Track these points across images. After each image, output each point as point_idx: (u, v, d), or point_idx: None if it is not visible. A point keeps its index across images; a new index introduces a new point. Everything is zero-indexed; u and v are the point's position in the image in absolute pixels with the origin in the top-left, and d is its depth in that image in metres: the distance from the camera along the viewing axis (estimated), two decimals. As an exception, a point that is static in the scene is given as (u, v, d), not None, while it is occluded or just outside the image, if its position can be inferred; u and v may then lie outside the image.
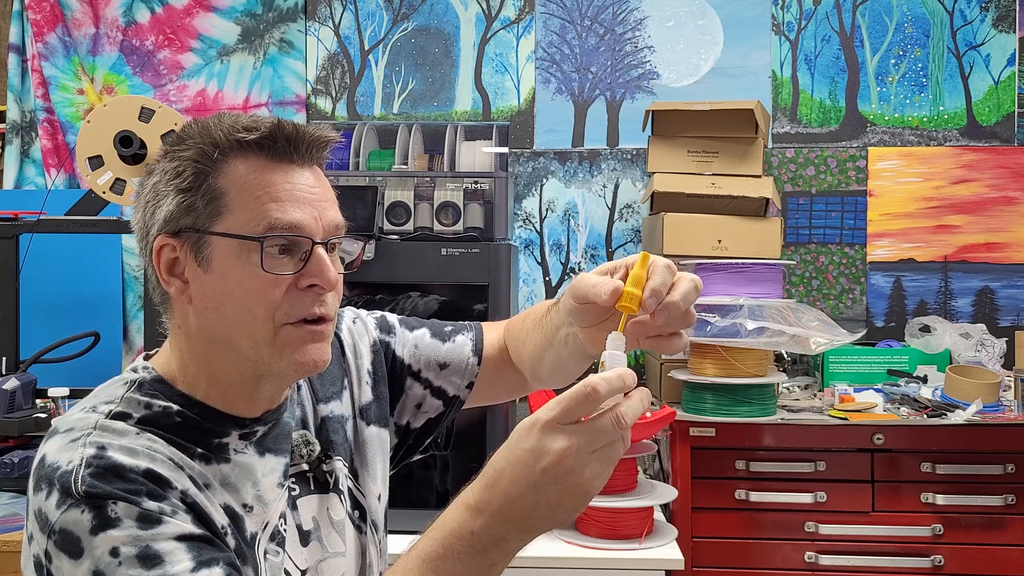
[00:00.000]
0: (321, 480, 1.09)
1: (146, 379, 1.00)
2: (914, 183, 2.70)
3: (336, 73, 2.82)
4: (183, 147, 0.97)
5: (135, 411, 0.97)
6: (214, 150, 0.96)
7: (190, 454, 0.96)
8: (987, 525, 2.08)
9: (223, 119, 0.98)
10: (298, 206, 0.96)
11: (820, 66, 2.73)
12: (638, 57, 2.76)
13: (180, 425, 0.98)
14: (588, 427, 0.82)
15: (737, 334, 2.05)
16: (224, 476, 0.98)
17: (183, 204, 0.96)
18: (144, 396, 0.99)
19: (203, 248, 0.96)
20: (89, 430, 0.93)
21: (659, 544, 1.96)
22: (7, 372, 2.24)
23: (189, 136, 0.98)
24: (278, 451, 1.05)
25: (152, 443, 0.94)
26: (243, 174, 0.96)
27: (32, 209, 2.36)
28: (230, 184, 0.96)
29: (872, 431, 2.08)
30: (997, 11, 2.69)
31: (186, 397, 1.00)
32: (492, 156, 2.16)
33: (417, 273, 2.03)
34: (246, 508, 0.99)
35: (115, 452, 0.90)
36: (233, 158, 0.97)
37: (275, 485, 1.02)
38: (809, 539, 2.09)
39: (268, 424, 1.04)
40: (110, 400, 0.98)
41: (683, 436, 2.11)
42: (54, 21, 2.80)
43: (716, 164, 2.43)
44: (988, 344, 2.40)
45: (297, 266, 0.96)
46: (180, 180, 0.96)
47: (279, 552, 1.00)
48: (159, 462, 0.92)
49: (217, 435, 1.00)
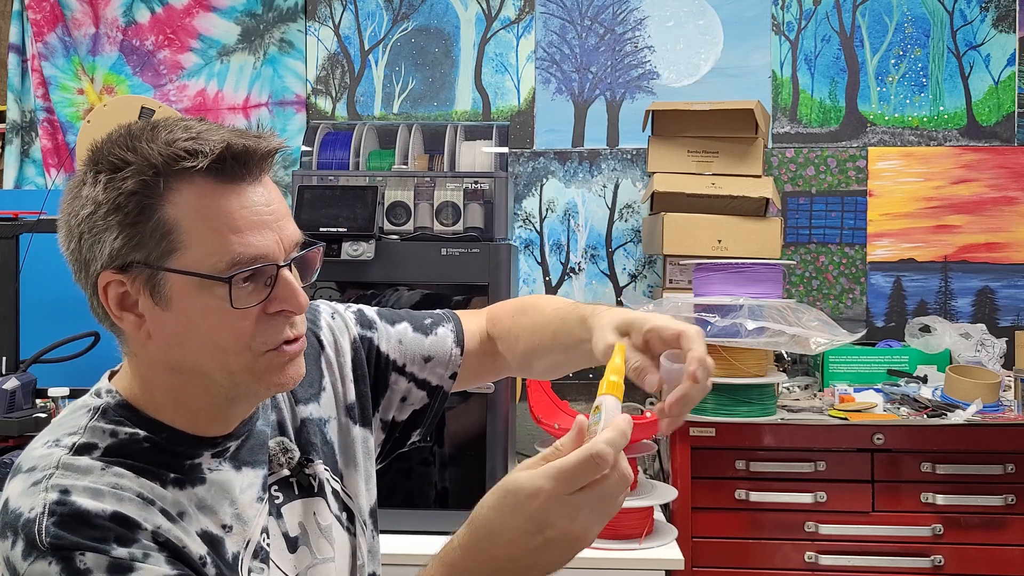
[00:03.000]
0: (305, 485, 1.07)
1: (110, 404, 0.96)
2: (914, 183, 2.70)
3: (336, 73, 2.82)
4: (119, 177, 0.88)
5: (101, 440, 0.93)
6: (157, 179, 0.88)
7: (162, 481, 0.92)
8: (987, 525, 2.08)
9: (158, 137, 0.89)
10: (258, 232, 0.91)
11: (820, 66, 2.73)
12: (638, 57, 2.76)
13: (149, 451, 0.94)
14: (595, 493, 0.80)
15: (737, 334, 2.05)
16: (200, 499, 0.95)
17: (130, 240, 0.89)
18: (109, 424, 0.94)
19: (159, 285, 0.90)
20: (51, 470, 0.89)
21: (659, 544, 1.96)
22: (7, 372, 2.24)
23: (125, 163, 0.89)
24: (255, 463, 1.02)
25: (119, 479, 0.89)
26: (193, 203, 0.89)
27: (32, 209, 2.36)
28: (180, 215, 0.89)
29: (872, 431, 2.09)
30: (997, 11, 2.69)
31: (153, 422, 0.96)
32: (492, 156, 2.16)
33: (417, 273, 2.03)
34: (225, 529, 0.96)
35: (79, 496, 0.86)
36: (179, 184, 0.89)
37: (254, 500, 1.00)
38: (809, 539, 2.09)
39: (241, 437, 1.01)
40: (73, 431, 0.93)
41: (683, 436, 2.11)
42: (54, 21, 2.80)
43: (716, 164, 2.43)
44: (988, 344, 2.40)
45: (263, 292, 0.91)
46: (121, 215, 0.89)
47: (263, 569, 0.98)
48: (126, 502, 0.88)
49: (188, 456, 0.96)
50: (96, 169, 0.91)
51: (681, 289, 2.37)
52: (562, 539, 0.81)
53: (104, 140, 0.93)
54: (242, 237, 0.90)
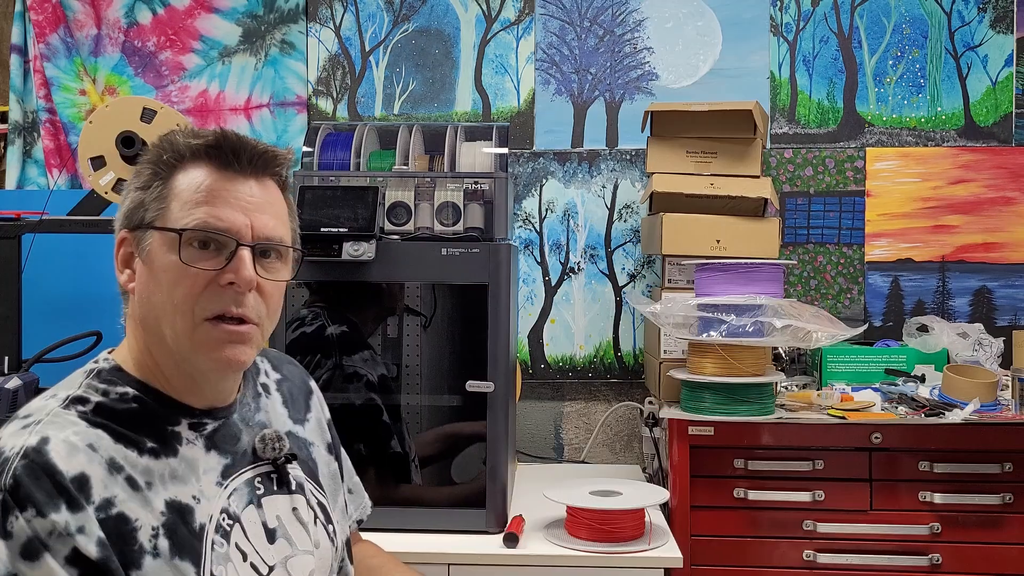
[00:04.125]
0: (285, 482, 1.14)
1: (104, 368, 1.07)
2: (912, 183, 2.71)
3: (337, 74, 2.83)
4: (148, 153, 1.07)
5: (93, 396, 1.03)
6: (170, 155, 1.05)
7: (140, 449, 1.01)
8: (985, 524, 2.09)
9: (186, 130, 1.08)
10: (229, 210, 1.03)
11: (818, 67, 2.74)
12: (637, 58, 2.77)
13: (135, 412, 1.04)
14: None
15: (760, 334, 2.06)
16: (172, 470, 1.03)
17: (137, 201, 1.06)
18: (102, 383, 1.05)
19: (144, 242, 1.04)
20: (42, 416, 1.00)
21: (658, 543, 1.97)
22: (9, 371, 2.25)
23: (155, 144, 1.08)
24: (223, 451, 1.09)
25: (98, 440, 0.99)
26: (191, 178, 1.04)
27: (34, 209, 2.37)
28: (178, 186, 1.04)
29: (870, 430, 2.09)
30: (995, 12, 2.70)
31: (141, 383, 1.06)
32: (492, 156, 2.17)
33: (417, 273, 2.04)
34: (195, 500, 1.04)
35: (54, 447, 0.95)
36: (187, 165, 1.05)
37: (213, 483, 1.07)
38: (807, 537, 2.10)
39: (218, 420, 1.10)
40: (70, 387, 1.05)
41: (682, 435, 2.12)
42: (56, 22, 2.81)
43: (715, 164, 2.44)
44: (986, 344, 2.41)
45: (219, 264, 1.02)
46: (138, 180, 1.07)
47: (223, 544, 1.04)
48: (95, 465, 0.97)
49: (169, 422, 1.06)
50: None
51: (680, 289, 2.38)
52: None
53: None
54: (213, 209, 1.03)
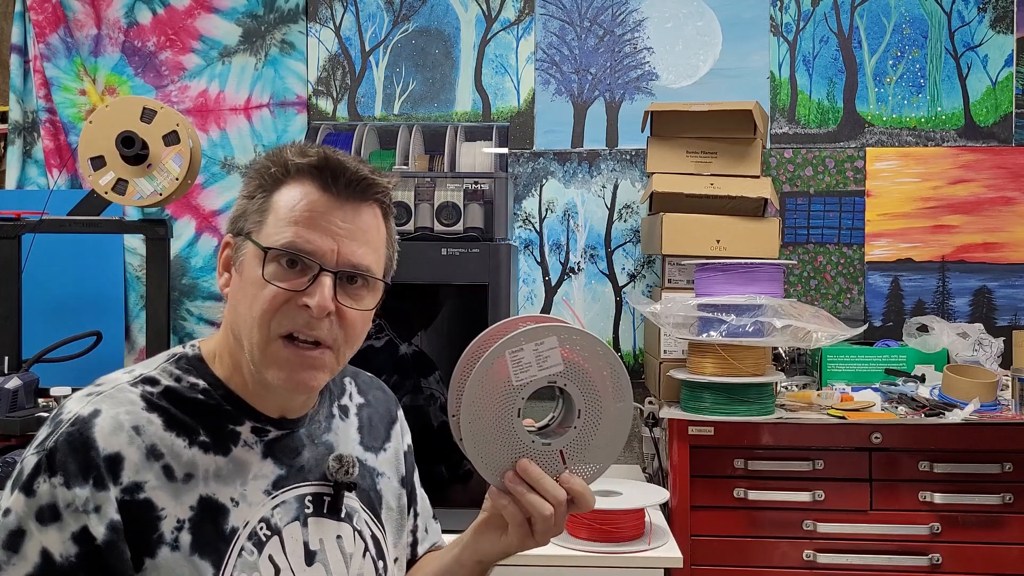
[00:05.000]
0: (336, 508, 1.13)
1: (188, 355, 1.10)
2: (912, 183, 2.71)
3: (337, 74, 2.83)
4: (259, 164, 1.09)
5: (165, 379, 1.06)
6: (277, 169, 1.06)
7: (190, 440, 1.03)
8: (985, 524, 2.09)
9: (297, 145, 1.08)
10: (318, 233, 1.03)
11: (818, 67, 2.74)
12: (637, 58, 2.77)
13: (199, 403, 1.05)
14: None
15: (760, 334, 2.06)
16: (218, 468, 1.04)
17: (241, 209, 1.08)
18: (178, 369, 1.07)
19: (241, 249, 1.06)
20: (107, 388, 1.03)
21: (658, 543, 1.97)
22: (9, 371, 2.24)
23: (267, 154, 1.09)
24: (280, 461, 1.09)
25: (148, 424, 1.01)
26: (292, 196, 1.04)
27: (34, 209, 2.37)
28: (279, 201, 1.05)
29: (870, 430, 2.09)
30: (995, 12, 2.70)
31: (216, 379, 1.08)
32: (492, 156, 2.17)
33: (417, 273, 2.04)
34: (233, 502, 1.03)
35: (101, 422, 0.98)
36: (291, 181, 1.05)
37: (261, 491, 1.06)
38: (807, 537, 2.10)
39: (283, 431, 1.10)
40: (149, 365, 1.08)
41: (682, 435, 2.12)
42: (56, 22, 2.81)
43: (715, 164, 2.44)
44: (986, 343, 2.41)
45: (300, 285, 1.02)
46: (246, 188, 1.08)
47: (254, 552, 1.03)
48: (133, 447, 0.99)
49: (232, 421, 1.07)
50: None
51: (680, 289, 2.38)
52: None
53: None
54: (301, 229, 1.02)
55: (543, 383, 1.08)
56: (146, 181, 2.26)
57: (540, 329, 1.07)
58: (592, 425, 1.10)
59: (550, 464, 1.09)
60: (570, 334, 1.08)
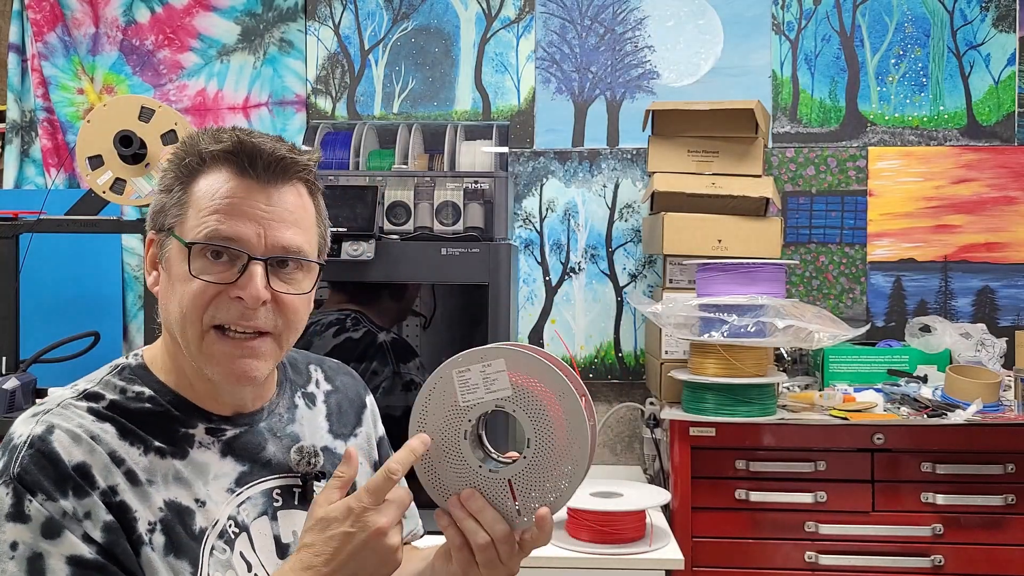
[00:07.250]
0: (308, 499, 1.11)
1: (131, 364, 1.07)
2: (914, 183, 2.70)
3: (336, 73, 2.81)
4: (174, 155, 1.04)
5: (109, 393, 1.03)
6: (191, 159, 1.02)
7: (145, 447, 1.01)
8: (987, 525, 2.08)
9: (209, 132, 1.04)
10: (242, 220, 1.00)
11: (820, 66, 2.73)
12: (638, 57, 2.76)
13: (148, 412, 1.03)
14: (392, 505, 0.98)
15: (762, 334, 2.05)
16: (177, 472, 1.02)
17: (160, 204, 1.04)
18: (122, 380, 1.05)
19: (165, 246, 1.03)
20: (52, 406, 1.00)
21: (659, 545, 1.96)
22: (7, 372, 2.24)
23: (180, 144, 1.05)
24: (240, 458, 1.07)
25: (102, 433, 0.99)
26: (210, 185, 1.01)
27: (32, 209, 2.36)
28: (198, 192, 1.01)
29: (872, 431, 2.08)
30: (997, 11, 2.69)
31: (162, 385, 1.05)
32: (492, 156, 2.16)
33: (417, 273, 2.03)
34: (198, 503, 1.02)
35: (59, 436, 0.96)
36: (207, 170, 1.02)
37: (223, 489, 1.05)
38: (809, 539, 2.09)
39: (240, 428, 1.08)
40: (91, 380, 1.05)
41: (683, 436, 2.11)
42: (54, 21, 2.80)
43: (716, 164, 2.43)
44: (988, 344, 2.40)
45: (229, 277, 1.00)
46: (163, 182, 1.05)
47: (226, 550, 1.02)
48: (96, 455, 0.97)
49: (184, 425, 1.04)
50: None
51: (681, 289, 2.37)
52: (375, 544, 0.98)
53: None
54: (223, 218, 0.99)
55: (490, 407, 1.03)
56: (144, 180, 2.25)
57: (490, 350, 1.03)
58: (544, 456, 1.03)
59: (498, 492, 1.03)
60: (521, 359, 1.02)
